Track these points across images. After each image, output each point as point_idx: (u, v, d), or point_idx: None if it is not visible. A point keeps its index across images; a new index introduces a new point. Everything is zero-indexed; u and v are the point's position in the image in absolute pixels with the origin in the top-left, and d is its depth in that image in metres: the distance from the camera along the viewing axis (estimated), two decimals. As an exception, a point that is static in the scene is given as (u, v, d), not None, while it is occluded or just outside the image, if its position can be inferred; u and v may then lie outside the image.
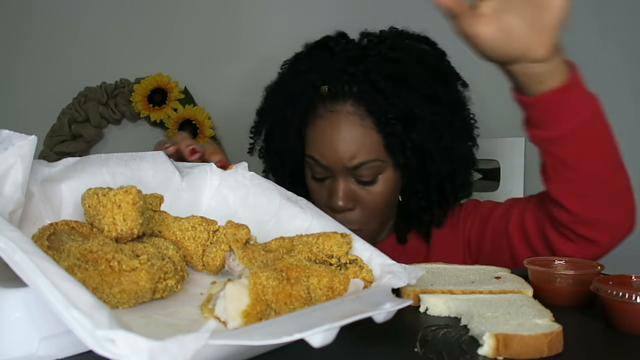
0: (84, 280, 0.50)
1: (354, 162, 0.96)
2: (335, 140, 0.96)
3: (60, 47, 1.70)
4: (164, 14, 1.72)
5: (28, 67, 1.70)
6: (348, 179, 0.97)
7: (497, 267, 0.78)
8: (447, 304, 0.63)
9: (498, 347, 0.51)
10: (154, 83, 1.66)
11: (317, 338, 0.43)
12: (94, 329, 0.38)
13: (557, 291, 0.68)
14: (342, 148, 0.96)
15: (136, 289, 0.52)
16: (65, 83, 1.66)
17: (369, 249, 0.63)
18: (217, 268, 0.62)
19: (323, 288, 0.55)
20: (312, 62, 1.02)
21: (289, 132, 1.01)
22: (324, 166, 0.97)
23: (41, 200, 0.62)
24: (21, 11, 1.70)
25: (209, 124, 1.66)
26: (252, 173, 0.76)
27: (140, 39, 1.71)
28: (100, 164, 0.68)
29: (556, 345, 0.52)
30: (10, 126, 0.59)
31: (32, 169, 0.58)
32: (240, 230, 0.62)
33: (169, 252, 0.59)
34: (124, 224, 0.57)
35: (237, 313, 0.50)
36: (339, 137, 0.96)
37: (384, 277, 0.59)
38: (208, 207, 0.74)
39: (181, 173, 0.74)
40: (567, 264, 0.73)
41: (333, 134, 0.96)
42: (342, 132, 0.96)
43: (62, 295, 0.40)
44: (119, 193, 0.57)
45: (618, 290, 0.58)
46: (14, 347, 0.48)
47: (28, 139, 0.57)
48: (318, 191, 1.01)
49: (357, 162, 0.96)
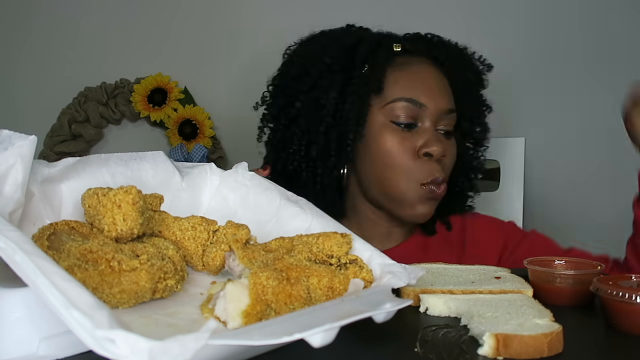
0: (84, 280, 0.50)
1: (449, 106, 1.00)
2: (431, 81, 1.00)
3: (60, 47, 1.70)
4: (164, 14, 1.72)
5: (28, 67, 1.70)
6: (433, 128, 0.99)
7: (497, 267, 0.79)
8: (447, 304, 0.63)
9: (498, 347, 0.51)
10: (154, 83, 1.66)
11: (317, 338, 0.43)
12: (94, 329, 0.38)
13: (557, 291, 0.68)
14: (439, 90, 0.99)
15: (136, 289, 0.52)
16: (65, 83, 1.66)
17: (369, 249, 0.63)
18: (217, 268, 0.62)
19: (323, 288, 0.55)
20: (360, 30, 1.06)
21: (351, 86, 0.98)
22: (418, 107, 0.97)
23: (41, 200, 0.62)
24: (21, 11, 1.70)
25: (209, 124, 1.66)
26: (252, 173, 0.76)
27: (140, 39, 1.71)
28: (100, 164, 0.68)
29: (556, 345, 0.52)
30: (10, 126, 0.59)
31: (32, 169, 0.58)
32: (240, 230, 0.62)
33: (169, 252, 0.59)
34: (124, 224, 0.57)
35: (237, 313, 0.50)
36: (433, 80, 1.00)
37: (384, 277, 0.59)
38: (208, 207, 0.74)
39: (181, 173, 0.74)
40: (567, 264, 0.73)
41: (428, 77, 1.00)
42: (434, 77, 1.00)
43: (62, 295, 0.40)
44: (119, 193, 0.57)
45: (618, 290, 0.58)
46: (14, 347, 0.48)
47: (28, 139, 0.57)
48: (400, 143, 0.97)
49: (450, 107, 1.00)
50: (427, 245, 1.07)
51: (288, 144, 1.02)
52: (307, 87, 1.01)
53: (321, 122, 0.98)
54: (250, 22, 1.72)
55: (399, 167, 0.97)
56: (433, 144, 0.96)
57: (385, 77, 0.98)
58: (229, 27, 1.72)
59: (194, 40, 1.72)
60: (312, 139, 0.99)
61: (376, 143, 0.98)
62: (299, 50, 1.09)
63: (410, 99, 0.97)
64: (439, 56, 1.03)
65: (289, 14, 1.72)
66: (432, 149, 0.96)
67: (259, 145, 1.12)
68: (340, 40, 1.03)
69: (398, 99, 0.97)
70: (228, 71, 1.73)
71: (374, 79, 0.98)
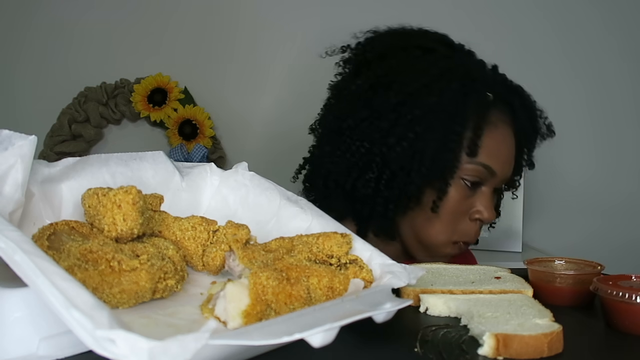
0: (84, 280, 0.50)
1: (512, 173, 0.99)
2: (510, 152, 0.96)
3: (60, 47, 1.69)
4: (164, 14, 1.72)
5: (28, 67, 1.70)
6: None
7: (497, 267, 0.79)
8: (447, 304, 0.63)
9: (498, 347, 0.51)
10: (154, 83, 1.66)
11: (317, 338, 0.43)
12: (94, 329, 0.38)
13: (557, 291, 0.68)
14: (512, 158, 0.97)
15: (136, 289, 0.52)
16: (65, 83, 1.66)
17: (369, 249, 0.63)
18: (217, 268, 0.62)
19: (323, 288, 0.55)
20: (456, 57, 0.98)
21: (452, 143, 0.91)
22: (491, 174, 0.94)
23: (41, 200, 0.62)
24: (21, 11, 1.70)
25: (209, 124, 1.66)
26: (252, 173, 0.76)
27: (140, 39, 1.71)
28: (100, 164, 0.67)
29: (556, 345, 0.52)
30: (10, 126, 0.59)
31: (32, 169, 0.58)
32: (240, 230, 0.62)
33: (169, 252, 0.59)
34: (124, 224, 0.57)
35: (237, 313, 0.50)
36: (511, 148, 0.97)
37: (384, 277, 0.59)
38: (208, 207, 0.74)
39: (181, 173, 0.74)
40: (567, 264, 0.73)
41: (509, 145, 0.96)
42: (512, 144, 0.97)
43: (62, 295, 0.40)
44: (119, 193, 0.57)
45: (618, 290, 0.58)
46: (14, 347, 0.48)
47: (28, 139, 0.57)
48: (461, 202, 0.94)
49: (512, 174, 0.99)
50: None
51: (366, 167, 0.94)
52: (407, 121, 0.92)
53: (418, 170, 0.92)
54: (250, 22, 1.72)
55: (446, 225, 0.94)
56: (488, 212, 0.95)
57: (482, 138, 0.93)
58: (230, 27, 1.72)
59: (194, 40, 1.72)
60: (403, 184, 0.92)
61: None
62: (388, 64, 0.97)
63: (489, 166, 0.94)
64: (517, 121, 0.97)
65: (288, 13, 1.72)
66: (485, 217, 0.95)
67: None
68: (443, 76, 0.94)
69: (480, 164, 0.93)
70: (228, 71, 1.73)
71: (473, 142, 0.93)
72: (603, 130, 1.72)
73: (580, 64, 1.72)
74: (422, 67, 0.95)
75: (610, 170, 1.73)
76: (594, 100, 1.72)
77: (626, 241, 1.69)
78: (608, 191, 1.73)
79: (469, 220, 0.96)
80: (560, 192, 1.73)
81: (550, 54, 1.72)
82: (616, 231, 1.71)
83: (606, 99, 1.72)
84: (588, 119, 1.72)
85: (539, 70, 1.71)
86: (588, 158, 1.73)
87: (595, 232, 1.72)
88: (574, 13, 1.72)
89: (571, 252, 0.87)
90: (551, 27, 1.72)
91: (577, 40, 1.72)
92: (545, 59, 1.72)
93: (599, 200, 1.73)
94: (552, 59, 1.72)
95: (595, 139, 1.72)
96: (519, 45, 1.71)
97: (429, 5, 1.68)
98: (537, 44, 1.72)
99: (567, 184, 1.73)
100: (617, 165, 1.72)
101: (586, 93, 1.72)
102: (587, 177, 1.73)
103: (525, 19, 1.72)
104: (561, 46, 1.72)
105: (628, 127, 1.71)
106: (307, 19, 1.65)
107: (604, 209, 1.73)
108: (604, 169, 1.73)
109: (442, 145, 0.91)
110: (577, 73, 1.72)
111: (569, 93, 1.72)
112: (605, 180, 1.73)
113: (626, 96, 1.72)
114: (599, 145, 1.72)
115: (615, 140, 1.71)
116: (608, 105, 1.72)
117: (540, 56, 1.72)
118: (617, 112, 1.72)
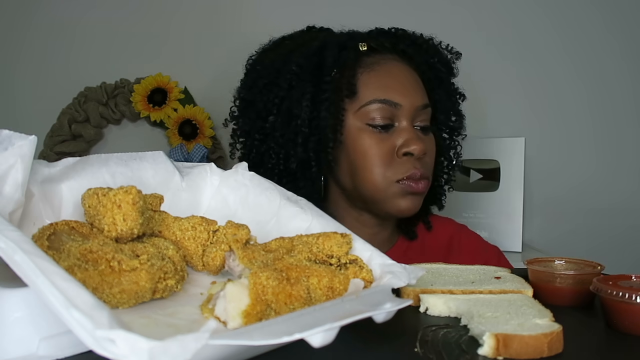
0: (84, 280, 0.50)
1: (423, 101, 0.98)
2: (403, 79, 0.98)
3: (60, 47, 1.69)
4: (164, 14, 1.72)
5: (28, 67, 1.70)
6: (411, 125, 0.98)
7: (497, 267, 0.79)
8: (447, 304, 0.63)
9: (498, 347, 0.51)
10: (154, 83, 1.66)
11: (317, 338, 0.43)
12: (94, 329, 0.38)
13: (557, 291, 0.68)
14: (411, 86, 0.98)
15: (136, 289, 0.52)
16: (65, 83, 1.66)
17: (369, 249, 0.63)
18: (217, 268, 0.62)
19: (323, 288, 0.55)
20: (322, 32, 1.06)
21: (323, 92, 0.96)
22: (394, 107, 0.95)
23: (41, 200, 0.62)
24: (21, 11, 1.70)
25: (209, 124, 1.66)
26: (252, 173, 0.76)
27: (140, 39, 1.71)
28: (100, 164, 0.68)
29: (556, 345, 0.52)
30: (10, 126, 0.59)
31: (32, 169, 0.58)
32: (240, 230, 0.62)
33: (169, 252, 0.59)
34: (124, 224, 0.57)
35: (237, 313, 0.50)
36: (404, 77, 0.98)
37: (384, 277, 0.59)
38: (208, 207, 0.74)
39: (181, 173, 0.74)
40: (567, 264, 0.73)
41: (400, 75, 0.98)
42: (405, 74, 0.99)
43: (62, 295, 0.40)
44: (119, 193, 0.57)
45: (618, 290, 0.58)
46: (14, 347, 0.48)
47: (28, 139, 0.57)
48: (378, 145, 0.96)
49: (425, 102, 0.99)
50: (407, 254, 1.06)
51: (265, 158, 1.00)
52: (278, 99, 0.98)
53: (297, 133, 0.96)
54: (251, 22, 1.72)
55: (378, 169, 0.95)
56: (413, 142, 0.95)
57: (357, 80, 0.97)
58: (229, 27, 1.72)
59: (194, 40, 1.72)
60: (290, 152, 0.97)
61: (354, 148, 0.96)
62: (262, 59, 1.07)
63: (384, 99, 0.95)
64: (406, 50, 1.01)
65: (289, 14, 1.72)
66: (412, 148, 0.95)
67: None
68: (304, 45, 1.01)
69: (372, 101, 0.96)
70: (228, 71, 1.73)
71: (345, 83, 0.96)
72: (603, 130, 1.72)
73: (581, 64, 1.72)
74: (287, 48, 1.03)
75: (610, 169, 1.73)
76: (594, 99, 1.72)
77: (626, 241, 1.69)
78: (608, 191, 1.73)
79: (398, 159, 0.96)
80: (560, 191, 1.73)
81: (551, 53, 1.72)
82: (616, 231, 1.71)
83: (606, 99, 1.72)
84: (588, 118, 1.72)
85: (539, 70, 1.71)
86: (588, 158, 1.73)
87: (595, 232, 1.72)
88: (574, 13, 1.72)
89: (571, 252, 0.87)
90: (552, 26, 1.72)
91: (578, 40, 1.72)
92: (545, 59, 1.72)
93: (599, 200, 1.73)
94: (552, 59, 1.72)
95: (596, 138, 1.72)
96: (519, 45, 1.71)
97: (429, 5, 1.68)
98: (538, 43, 1.72)
99: (567, 183, 1.73)
100: (617, 165, 1.72)
101: (587, 93, 1.72)
102: (587, 177, 1.73)
103: (526, 19, 1.72)
104: (562, 46, 1.72)
105: (628, 127, 1.71)
106: (308, 21, 1.64)
107: (604, 208, 1.73)
108: (604, 169, 1.73)
109: (313, 103, 0.96)
110: (577, 73, 1.72)
111: (569, 93, 1.72)
112: (605, 180, 1.73)
113: (626, 96, 1.72)
114: (599, 145, 1.72)
115: (615, 140, 1.71)
116: (608, 105, 1.72)
117: (540, 56, 1.71)
118: (617, 112, 1.72)
